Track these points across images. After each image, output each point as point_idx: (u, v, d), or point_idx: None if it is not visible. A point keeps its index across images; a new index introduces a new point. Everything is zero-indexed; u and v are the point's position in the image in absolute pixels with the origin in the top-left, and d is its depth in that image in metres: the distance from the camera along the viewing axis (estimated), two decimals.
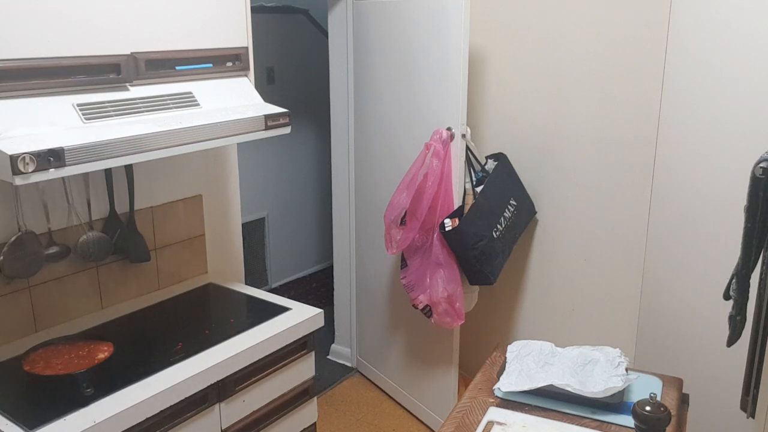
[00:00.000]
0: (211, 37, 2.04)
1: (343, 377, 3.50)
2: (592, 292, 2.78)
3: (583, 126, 2.67)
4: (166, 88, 1.91)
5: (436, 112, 2.66)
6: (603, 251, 2.71)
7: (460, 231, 2.54)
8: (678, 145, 2.36)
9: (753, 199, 1.51)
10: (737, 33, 2.09)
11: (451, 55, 2.55)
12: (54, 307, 2.06)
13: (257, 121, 2.00)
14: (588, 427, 1.58)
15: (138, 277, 2.29)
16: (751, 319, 1.62)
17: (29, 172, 1.47)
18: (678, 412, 1.66)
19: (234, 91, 2.08)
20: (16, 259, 1.89)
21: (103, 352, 1.83)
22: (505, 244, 2.69)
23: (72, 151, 1.55)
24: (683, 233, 2.38)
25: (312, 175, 4.65)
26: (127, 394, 1.68)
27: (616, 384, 1.63)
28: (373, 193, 3.14)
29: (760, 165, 1.48)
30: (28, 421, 1.56)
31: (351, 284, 3.49)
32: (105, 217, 2.14)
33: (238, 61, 2.13)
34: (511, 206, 2.70)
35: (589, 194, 2.71)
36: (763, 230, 1.53)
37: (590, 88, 2.62)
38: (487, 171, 2.80)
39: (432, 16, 2.61)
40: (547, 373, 1.70)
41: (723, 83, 2.16)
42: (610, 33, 2.53)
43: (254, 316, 2.14)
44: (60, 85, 1.69)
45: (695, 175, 2.30)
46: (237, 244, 2.64)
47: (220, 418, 1.90)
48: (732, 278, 1.64)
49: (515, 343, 1.89)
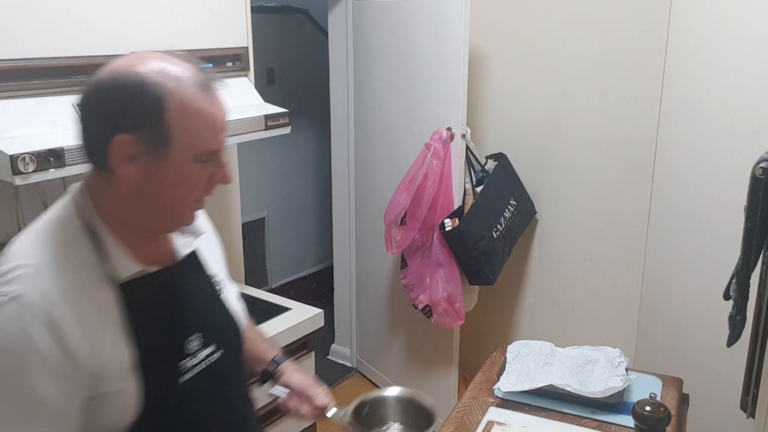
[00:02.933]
0: (211, 37, 2.04)
1: (343, 377, 3.50)
2: (592, 291, 2.78)
3: (583, 126, 2.67)
4: None
5: (436, 112, 2.66)
6: (603, 251, 2.71)
7: (460, 231, 2.54)
8: (678, 145, 2.36)
9: (753, 199, 1.51)
10: (737, 32, 2.09)
11: (451, 55, 2.55)
12: None
13: (257, 121, 2.00)
14: (588, 427, 1.58)
15: None
16: (751, 319, 1.61)
17: (29, 172, 1.48)
18: (678, 412, 1.66)
19: (234, 91, 2.08)
20: None
21: None
22: (505, 244, 2.69)
23: (72, 151, 1.55)
24: (683, 233, 2.38)
25: (312, 175, 4.65)
26: None
27: (616, 384, 1.63)
28: (373, 193, 3.14)
29: (760, 165, 1.47)
30: None
31: (351, 284, 3.49)
32: None
33: (238, 61, 2.13)
34: (511, 206, 2.70)
35: (589, 194, 2.71)
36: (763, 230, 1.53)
37: (590, 87, 2.62)
38: (487, 171, 2.80)
39: (432, 16, 2.61)
40: (547, 373, 1.70)
41: (723, 83, 2.15)
42: (610, 33, 2.53)
43: (254, 316, 2.12)
44: (60, 85, 1.69)
45: (695, 174, 2.30)
46: (237, 244, 2.64)
47: None
48: (732, 278, 1.64)
49: (515, 343, 1.89)
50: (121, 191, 0.99)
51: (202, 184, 1.02)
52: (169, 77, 0.95)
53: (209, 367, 1.08)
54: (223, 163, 1.03)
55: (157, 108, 0.93)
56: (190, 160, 0.97)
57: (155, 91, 0.93)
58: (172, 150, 0.96)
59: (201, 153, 0.98)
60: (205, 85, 0.98)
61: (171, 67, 0.97)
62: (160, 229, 1.08)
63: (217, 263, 1.22)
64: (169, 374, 1.03)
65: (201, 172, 1.00)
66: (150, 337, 1.00)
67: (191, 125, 0.96)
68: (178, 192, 1.00)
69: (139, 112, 0.94)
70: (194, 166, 0.98)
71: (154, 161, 0.96)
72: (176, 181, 0.98)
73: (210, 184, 1.03)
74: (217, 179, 1.03)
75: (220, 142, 1.00)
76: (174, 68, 0.97)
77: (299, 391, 1.31)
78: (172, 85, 0.95)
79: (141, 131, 0.94)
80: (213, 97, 0.99)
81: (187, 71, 0.97)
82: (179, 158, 0.97)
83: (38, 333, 0.89)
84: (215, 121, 0.99)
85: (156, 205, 1.01)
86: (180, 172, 0.98)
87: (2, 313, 0.89)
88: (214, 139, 0.99)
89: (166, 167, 0.96)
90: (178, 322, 1.06)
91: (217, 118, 0.99)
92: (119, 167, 0.96)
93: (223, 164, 1.02)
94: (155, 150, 0.95)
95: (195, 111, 0.96)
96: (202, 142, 0.98)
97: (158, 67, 0.96)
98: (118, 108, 0.94)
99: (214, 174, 1.02)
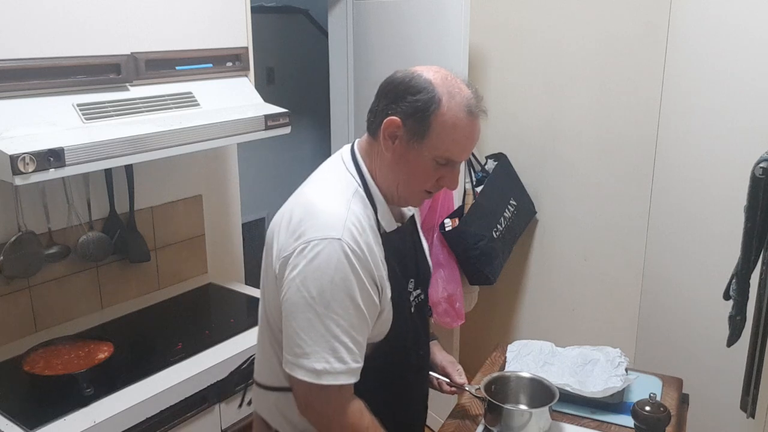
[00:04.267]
0: (211, 37, 2.04)
1: None
2: (592, 292, 2.78)
3: (583, 126, 2.67)
4: (166, 88, 1.91)
5: None
6: (603, 251, 2.71)
7: (460, 231, 2.54)
8: (678, 145, 2.36)
9: (753, 199, 1.51)
10: (737, 32, 2.09)
11: (451, 55, 2.55)
12: (54, 307, 2.06)
13: (257, 121, 2.00)
14: (588, 427, 1.58)
15: (138, 277, 2.29)
16: (751, 319, 1.61)
17: (29, 172, 1.48)
18: (678, 412, 1.66)
19: (234, 91, 2.08)
20: (16, 259, 1.89)
21: (103, 352, 1.83)
22: (505, 244, 2.69)
23: (72, 151, 1.55)
24: (683, 233, 2.38)
25: None
26: (127, 394, 1.69)
27: (616, 384, 1.63)
28: None
29: (760, 165, 1.47)
30: (28, 421, 1.56)
31: None
32: (105, 217, 2.14)
33: (238, 61, 2.13)
34: (511, 206, 2.70)
35: (589, 194, 2.71)
36: (763, 230, 1.53)
37: (590, 87, 2.62)
38: (487, 171, 2.80)
39: (432, 16, 2.61)
40: (546, 373, 1.70)
41: (723, 83, 2.16)
42: (610, 33, 2.53)
43: (254, 316, 2.13)
44: (60, 85, 1.69)
45: (695, 174, 2.30)
46: (237, 244, 2.64)
47: (220, 418, 1.90)
48: (732, 278, 1.64)
49: (515, 343, 1.89)
50: (383, 158, 1.27)
51: (432, 181, 1.26)
52: (449, 91, 1.20)
53: (418, 305, 1.40)
54: (456, 172, 1.27)
55: (429, 109, 1.19)
56: (431, 159, 1.22)
57: (433, 97, 1.19)
58: (424, 144, 1.21)
59: (442, 157, 1.22)
60: (471, 108, 1.21)
61: (453, 84, 1.21)
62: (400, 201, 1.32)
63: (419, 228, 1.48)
64: (405, 303, 1.34)
65: (436, 171, 1.24)
66: (395, 273, 1.29)
67: (445, 133, 1.20)
68: (415, 179, 1.26)
69: (415, 106, 1.20)
70: (432, 164, 1.23)
71: (407, 147, 1.22)
72: (416, 169, 1.24)
73: (439, 184, 1.27)
74: (445, 182, 1.27)
75: (460, 157, 1.24)
76: (455, 86, 1.21)
77: (441, 367, 1.57)
78: (447, 97, 1.19)
79: (408, 121, 1.21)
80: (473, 121, 1.22)
81: (463, 93, 1.21)
82: (425, 153, 1.22)
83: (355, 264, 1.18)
84: (466, 140, 1.23)
85: (400, 181, 1.27)
86: (421, 164, 1.23)
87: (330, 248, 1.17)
88: (458, 152, 1.23)
89: (414, 155, 1.23)
90: (408, 267, 1.36)
91: (468, 139, 1.23)
92: (384, 140, 1.24)
93: (455, 173, 1.27)
94: (412, 138, 1.21)
95: (453, 124, 1.20)
96: (447, 150, 1.22)
97: (444, 80, 1.21)
98: (402, 97, 1.21)
99: (445, 177, 1.26)
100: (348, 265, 1.18)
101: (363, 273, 1.19)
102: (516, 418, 1.48)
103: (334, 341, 1.18)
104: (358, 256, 1.18)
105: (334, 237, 1.17)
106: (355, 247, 1.18)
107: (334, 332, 1.18)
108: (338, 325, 1.18)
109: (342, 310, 1.18)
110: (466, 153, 1.26)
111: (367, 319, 1.22)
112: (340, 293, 1.18)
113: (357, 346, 1.20)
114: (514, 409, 1.54)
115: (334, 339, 1.18)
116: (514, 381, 1.61)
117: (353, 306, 1.19)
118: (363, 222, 1.23)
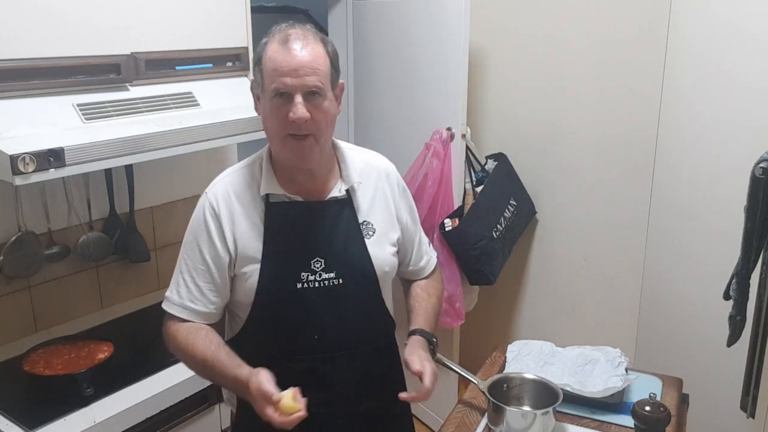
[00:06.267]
0: (211, 37, 2.04)
1: None
2: (592, 292, 2.78)
3: (583, 126, 2.67)
4: (166, 88, 1.91)
5: (436, 112, 2.66)
6: (603, 251, 2.71)
7: (460, 231, 2.54)
8: (678, 145, 2.36)
9: (753, 200, 1.51)
10: (737, 32, 2.09)
11: (451, 55, 2.55)
12: (54, 307, 2.06)
13: (257, 121, 1.98)
14: (588, 427, 1.58)
15: (138, 277, 2.29)
16: (751, 319, 1.62)
17: (29, 172, 1.47)
18: (678, 412, 1.66)
19: (234, 91, 2.08)
20: (16, 259, 1.89)
21: (103, 352, 1.83)
22: (505, 244, 2.69)
23: (72, 151, 1.55)
24: (683, 233, 2.38)
25: None
26: (127, 394, 1.69)
27: (616, 384, 1.63)
28: None
29: (760, 165, 1.47)
30: (28, 421, 1.57)
31: None
32: (105, 217, 2.14)
33: (238, 61, 2.13)
34: (511, 206, 2.70)
35: (589, 194, 2.71)
36: (763, 230, 1.53)
37: (590, 87, 2.62)
38: (487, 171, 2.80)
39: (432, 16, 2.61)
40: (546, 373, 1.70)
41: (723, 83, 2.16)
42: (610, 33, 2.53)
43: None
44: (60, 85, 1.69)
45: (695, 174, 2.30)
46: None
47: (220, 418, 1.90)
48: (732, 278, 1.64)
49: (515, 343, 1.89)
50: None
51: (280, 119, 1.28)
52: (272, 36, 1.30)
53: (327, 288, 1.37)
54: (294, 103, 1.26)
55: (260, 58, 1.29)
56: (270, 99, 1.28)
57: (262, 47, 1.30)
58: (264, 90, 1.29)
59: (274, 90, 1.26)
60: (285, 37, 1.27)
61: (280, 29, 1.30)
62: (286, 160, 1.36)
63: (382, 217, 1.45)
64: (288, 277, 1.35)
65: (279, 109, 1.28)
66: (278, 243, 1.35)
67: (268, 68, 1.27)
68: (270, 125, 1.32)
69: (255, 63, 1.32)
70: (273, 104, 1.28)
71: (261, 102, 1.33)
72: (267, 115, 1.31)
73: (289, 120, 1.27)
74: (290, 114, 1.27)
75: (285, 84, 1.25)
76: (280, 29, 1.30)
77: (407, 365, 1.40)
78: (269, 39, 1.30)
79: (256, 76, 1.32)
80: (286, 47, 1.26)
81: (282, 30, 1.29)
82: (267, 97, 1.29)
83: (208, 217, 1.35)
84: (284, 65, 1.25)
85: (270, 138, 1.35)
86: (268, 108, 1.30)
87: (201, 200, 1.39)
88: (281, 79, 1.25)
89: (263, 104, 1.32)
90: (307, 242, 1.37)
91: (286, 64, 1.25)
92: (255, 105, 1.37)
93: (294, 103, 1.26)
94: (259, 91, 1.32)
95: (271, 57, 1.27)
96: (272, 81, 1.27)
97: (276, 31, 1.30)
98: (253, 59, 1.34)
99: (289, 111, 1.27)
100: (202, 216, 1.36)
101: (213, 227, 1.35)
102: (520, 419, 1.49)
103: (179, 276, 1.39)
104: (213, 211, 1.35)
105: (207, 192, 1.39)
106: (214, 203, 1.36)
107: (180, 268, 1.39)
108: (186, 263, 1.38)
109: (189, 252, 1.38)
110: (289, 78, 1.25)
111: (212, 269, 1.36)
112: (191, 237, 1.38)
113: (197, 290, 1.37)
114: (519, 410, 1.54)
115: (179, 274, 1.39)
116: (518, 382, 1.61)
117: (197, 252, 1.36)
118: (239, 186, 1.38)
